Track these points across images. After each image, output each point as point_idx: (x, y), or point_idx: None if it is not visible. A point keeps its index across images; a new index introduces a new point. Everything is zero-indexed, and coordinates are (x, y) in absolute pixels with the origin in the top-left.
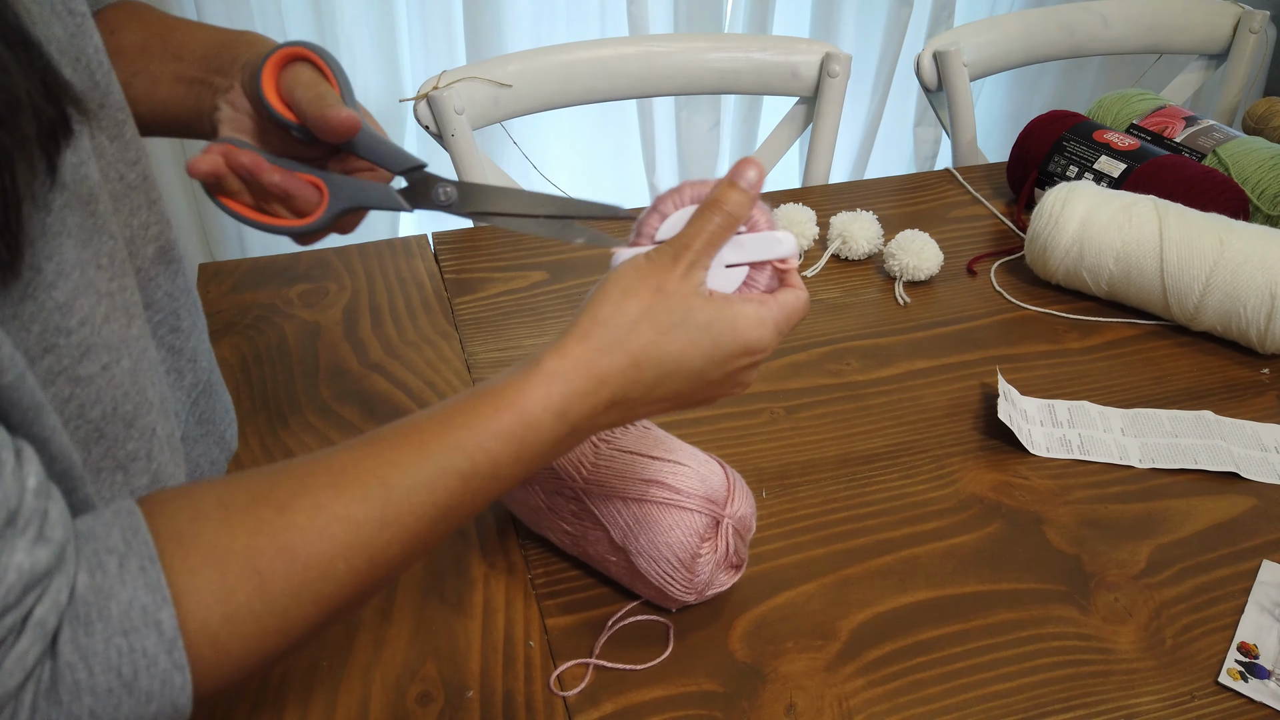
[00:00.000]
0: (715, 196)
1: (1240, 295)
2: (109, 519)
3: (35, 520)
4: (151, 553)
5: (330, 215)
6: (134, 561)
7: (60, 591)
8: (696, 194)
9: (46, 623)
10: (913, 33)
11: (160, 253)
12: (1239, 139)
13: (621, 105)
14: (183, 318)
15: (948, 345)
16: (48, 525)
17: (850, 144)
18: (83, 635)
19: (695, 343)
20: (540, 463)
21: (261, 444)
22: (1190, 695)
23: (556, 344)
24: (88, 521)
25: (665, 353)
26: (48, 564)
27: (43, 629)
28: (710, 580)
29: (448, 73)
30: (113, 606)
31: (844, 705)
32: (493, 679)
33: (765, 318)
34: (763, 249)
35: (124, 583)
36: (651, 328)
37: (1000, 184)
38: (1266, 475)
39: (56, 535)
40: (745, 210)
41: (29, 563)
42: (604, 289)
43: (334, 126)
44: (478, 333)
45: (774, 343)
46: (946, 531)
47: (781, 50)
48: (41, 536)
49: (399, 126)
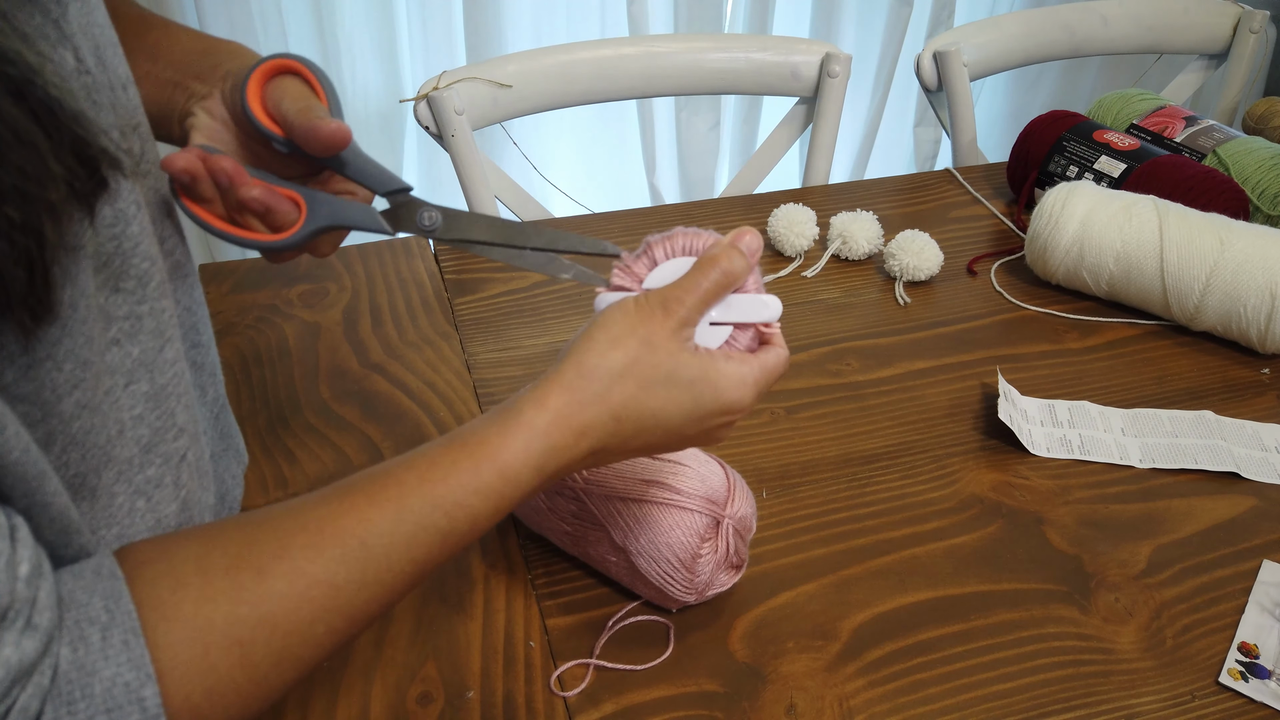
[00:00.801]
0: (715, 255)
1: (1240, 295)
2: (90, 582)
3: (25, 610)
4: (135, 625)
5: (306, 232)
6: (117, 635)
7: (44, 675)
8: (688, 244)
9: (29, 709)
10: (913, 33)
11: (176, 267)
12: (1239, 139)
13: (621, 105)
14: (201, 331)
15: (948, 345)
16: (36, 612)
17: (850, 144)
18: (65, 715)
19: (676, 400)
20: (514, 508)
21: (262, 444)
22: (1191, 695)
23: (538, 394)
24: (68, 584)
25: (646, 408)
26: (35, 655)
27: (25, 715)
28: (711, 580)
29: (448, 73)
30: (95, 684)
31: (844, 705)
32: (493, 679)
33: (748, 378)
34: (751, 311)
35: (107, 659)
36: (635, 382)
37: (1000, 184)
38: (1267, 475)
39: (44, 621)
40: (743, 275)
41: (17, 657)
42: (590, 336)
43: (324, 138)
44: (478, 333)
45: (753, 403)
46: (947, 531)
47: (781, 50)
48: (29, 625)
49: (399, 126)
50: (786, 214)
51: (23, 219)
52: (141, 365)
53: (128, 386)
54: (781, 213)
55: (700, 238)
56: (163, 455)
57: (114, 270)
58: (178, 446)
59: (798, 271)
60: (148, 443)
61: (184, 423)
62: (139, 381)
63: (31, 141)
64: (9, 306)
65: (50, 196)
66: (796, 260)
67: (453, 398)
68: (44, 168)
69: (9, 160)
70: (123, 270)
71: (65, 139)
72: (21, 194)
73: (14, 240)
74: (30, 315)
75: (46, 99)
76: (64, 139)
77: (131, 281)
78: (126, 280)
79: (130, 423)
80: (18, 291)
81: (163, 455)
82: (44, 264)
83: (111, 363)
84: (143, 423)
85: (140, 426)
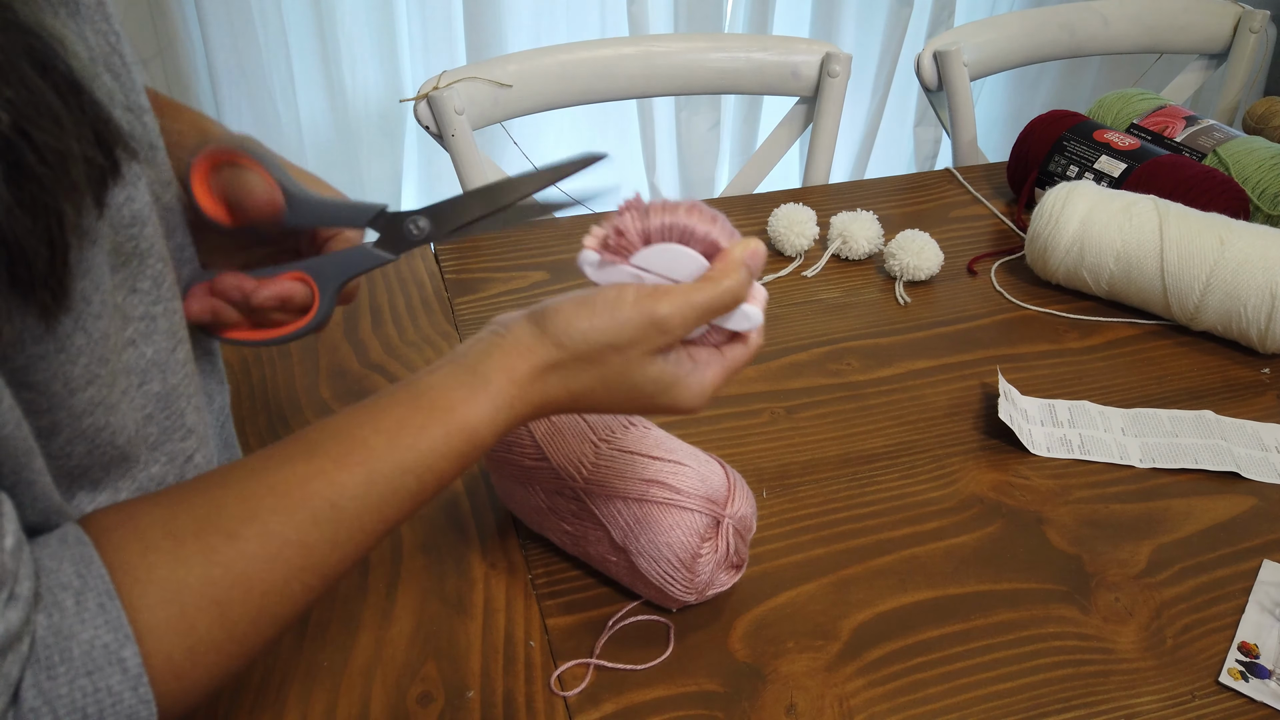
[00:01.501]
0: (722, 273)
1: (1241, 295)
2: (56, 548)
3: (8, 582)
4: (109, 588)
5: (328, 301)
6: (91, 599)
7: (24, 643)
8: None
9: (10, 675)
10: (913, 33)
11: (195, 275)
12: (1239, 138)
13: (621, 105)
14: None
15: (948, 345)
16: (18, 583)
17: (850, 144)
18: (45, 679)
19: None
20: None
21: (262, 445)
22: (1191, 695)
23: (507, 362)
24: (35, 552)
25: (604, 399)
26: (19, 624)
27: (6, 682)
28: (711, 580)
29: (448, 73)
30: (74, 647)
31: (844, 705)
32: (493, 679)
33: (707, 387)
34: (734, 320)
35: (83, 622)
36: (600, 378)
37: (1000, 184)
38: (1267, 475)
39: (24, 591)
40: (743, 296)
41: (2, 628)
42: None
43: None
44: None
45: (705, 406)
46: (947, 531)
47: (781, 50)
48: (13, 596)
49: (399, 126)
50: (786, 214)
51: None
52: (155, 365)
53: (140, 386)
54: (781, 212)
55: (701, 219)
56: (168, 454)
57: (131, 270)
58: (185, 447)
59: (798, 271)
60: (155, 441)
61: (193, 424)
62: (151, 381)
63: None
64: (31, 285)
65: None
66: (796, 260)
67: None
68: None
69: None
70: (140, 271)
71: (87, 116)
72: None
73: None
74: (51, 296)
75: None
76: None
77: (147, 282)
78: (143, 280)
79: (140, 422)
80: (40, 269)
81: (168, 454)
82: (63, 244)
83: (128, 363)
84: (152, 422)
85: (149, 426)
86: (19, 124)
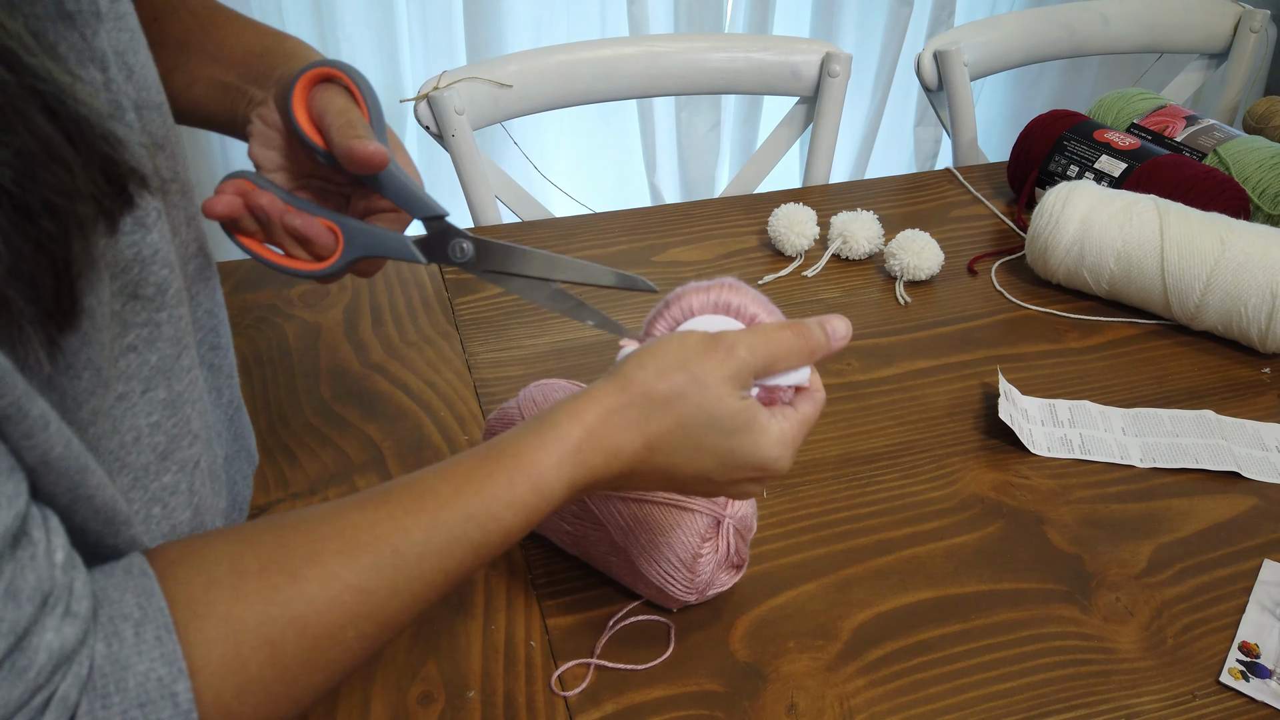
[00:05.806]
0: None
1: (1241, 294)
2: (121, 579)
3: (63, 596)
4: (167, 621)
5: (344, 263)
6: (150, 631)
7: (82, 665)
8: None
9: (69, 698)
10: (913, 33)
11: (200, 270)
12: (1240, 138)
13: (621, 105)
14: (221, 334)
15: (948, 345)
16: (73, 599)
17: (850, 144)
18: (100, 708)
19: (713, 445)
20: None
21: (262, 444)
22: (1191, 695)
23: (576, 406)
24: (99, 581)
25: (681, 445)
26: (75, 641)
27: (65, 704)
28: (711, 580)
29: (448, 73)
30: (129, 678)
31: (845, 705)
32: (493, 679)
33: (788, 436)
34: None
35: (140, 653)
36: (675, 417)
37: (1000, 184)
38: (1267, 474)
39: (82, 609)
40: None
41: (58, 642)
42: (640, 359)
43: (360, 160)
44: (478, 333)
45: (788, 464)
46: (947, 531)
47: (781, 50)
48: (69, 612)
49: (399, 126)
50: (787, 213)
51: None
52: (159, 372)
53: (145, 393)
54: (782, 212)
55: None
56: (179, 462)
57: (132, 277)
58: (192, 453)
59: (798, 271)
60: (164, 449)
61: (199, 429)
62: (156, 389)
63: (63, 159)
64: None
65: (79, 212)
66: (797, 260)
67: (453, 397)
68: (74, 184)
69: (42, 177)
70: (141, 278)
71: (95, 157)
72: (53, 209)
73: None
74: (56, 327)
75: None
76: (93, 157)
77: (150, 289)
78: (145, 287)
79: (147, 430)
80: (47, 301)
81: (179, 462)
82: (70, 276)
83: (127, 369)
84: (159, 430)
85: (157, 434)
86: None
